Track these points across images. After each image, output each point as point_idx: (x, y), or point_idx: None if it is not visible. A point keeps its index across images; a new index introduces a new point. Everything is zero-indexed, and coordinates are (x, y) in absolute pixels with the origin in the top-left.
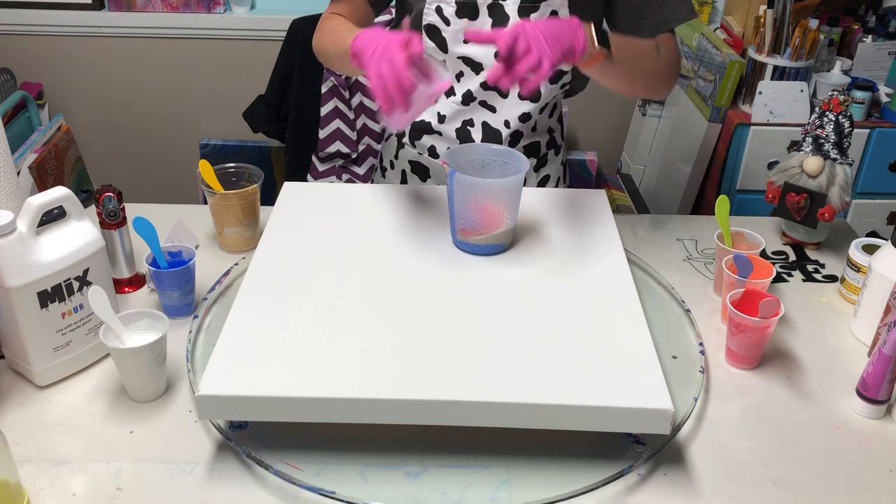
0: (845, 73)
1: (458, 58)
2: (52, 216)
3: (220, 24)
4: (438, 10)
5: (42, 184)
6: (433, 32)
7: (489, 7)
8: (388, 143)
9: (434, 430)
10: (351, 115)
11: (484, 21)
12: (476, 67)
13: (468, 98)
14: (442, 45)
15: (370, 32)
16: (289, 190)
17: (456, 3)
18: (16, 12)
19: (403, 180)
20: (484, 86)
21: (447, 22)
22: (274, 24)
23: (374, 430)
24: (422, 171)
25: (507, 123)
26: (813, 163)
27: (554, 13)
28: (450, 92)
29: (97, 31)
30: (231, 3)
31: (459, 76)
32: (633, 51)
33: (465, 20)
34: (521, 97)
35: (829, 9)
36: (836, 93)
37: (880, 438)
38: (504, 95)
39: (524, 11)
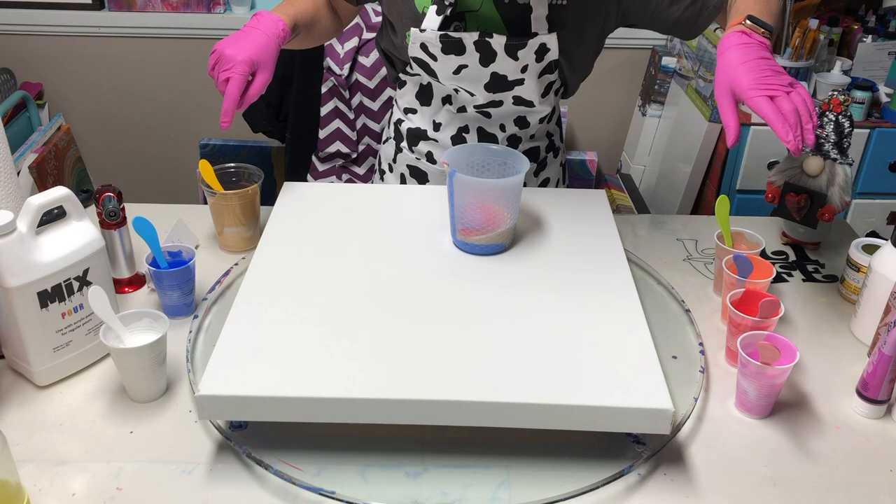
0: (845, 73)
1: (450, 84)
2: (52, 216)
3: (220, 24)
4: (423, 48)
5: (42, 184)
6: (422, 63)
7: (476, 43)
8: (385, 145)
9: (434, 430)
10: (351, 115)
11: (472, 55)
12: (469, 93)
13: (463, 109)
14: (432, 75)
15: (244, 33)
16: (289, 190)
17: (441, 41)
18: (16, 12)
19: (402, 184)
20: (478, 107)
21: (434, 58)
22: None
23: (374, 430)
24: (420, 176)
25: (502, 127)
26: (813, 163)
27: (542, 46)
28: (447, 100)
29: (97, 31)
30: (231, 3)
31: (456, 90)
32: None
33: (453, 55)
34: (515, 104)
35: (829, 9)
36: (836, 93)
37: (880, 438)
38: (498, 106)
39: (511, 49)
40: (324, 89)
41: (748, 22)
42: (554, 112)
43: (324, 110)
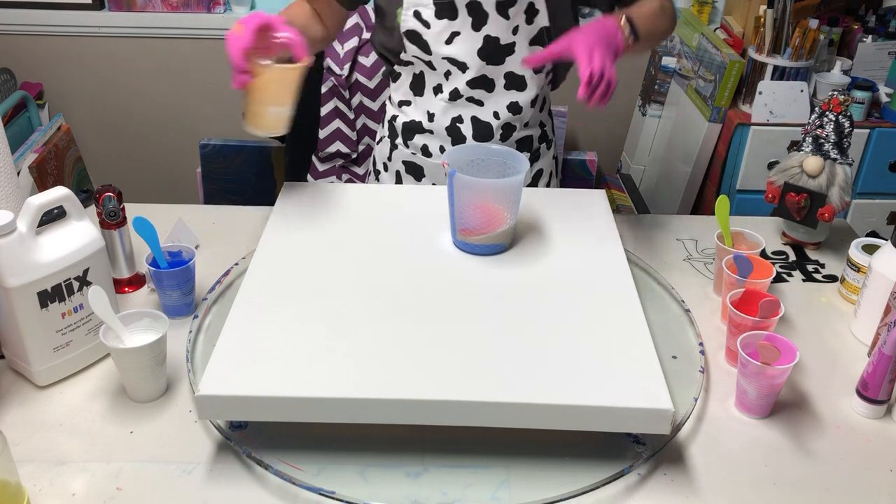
0: (845, 73)
1: (444, 58)
2: (52, 216)
3: (221, 24)
4: (417, 15)
5: (42, 184)
6: (414, 37)
7: (468, 6)
8: (380, 145)
9: (434, 430)
10: (351, 115)
11: (464, 20)
12: (461, 66)
13: (455, 95)
14: (425, 48)
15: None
16: (289, 190)
17: (435, 4)
18: (16, 12)
19: (398, 181)
20: (471, 83)
21: (427, 25)
22: None
23: (374, 430)
24: (416, 171)
25: (496, 115)
26: (813, 163)
27: (531, 5)
28: (438, 89)
29: (97, 31)
30: (231, 3)
31: (447, 75)
32: (651, 23)
33: (446, 20)
34: (506, 88)
35: (829, 9)
36: (836, 93)
37: (880, 438)
38: (490, 89)
39: (502, 7)
40: (324, 89)
41: (625, 23)
42: (546, 101)
43: (324, 110)
